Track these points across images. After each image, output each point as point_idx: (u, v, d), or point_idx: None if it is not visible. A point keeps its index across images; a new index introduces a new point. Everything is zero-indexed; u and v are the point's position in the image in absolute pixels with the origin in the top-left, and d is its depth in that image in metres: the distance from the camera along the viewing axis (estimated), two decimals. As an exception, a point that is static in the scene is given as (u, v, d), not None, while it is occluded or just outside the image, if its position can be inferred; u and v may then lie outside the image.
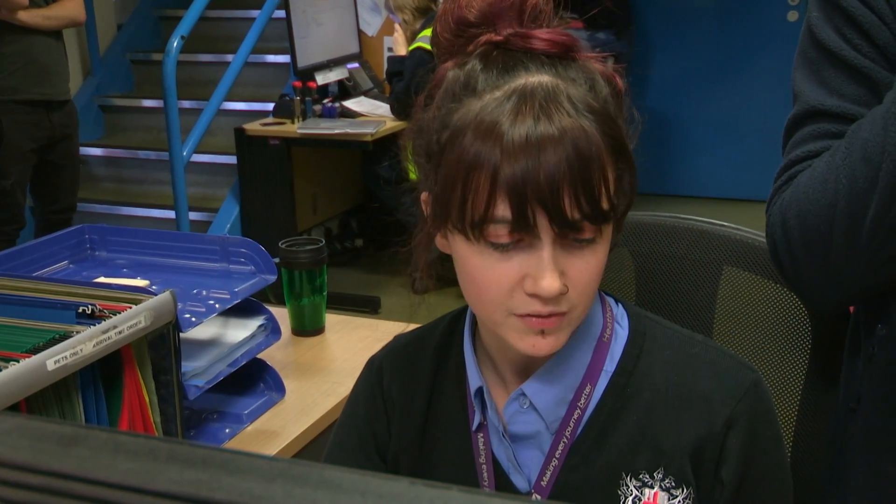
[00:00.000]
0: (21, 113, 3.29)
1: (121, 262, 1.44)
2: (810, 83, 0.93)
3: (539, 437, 0.84)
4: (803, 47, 0.95)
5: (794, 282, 0.95)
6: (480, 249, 0.75)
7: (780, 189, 0.94)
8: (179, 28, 3.77)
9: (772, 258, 0.96)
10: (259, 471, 0.34)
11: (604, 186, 0.74)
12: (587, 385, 0.83)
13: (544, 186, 0.71)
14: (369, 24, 4.57)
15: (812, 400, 1.03)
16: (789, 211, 0.90)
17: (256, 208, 4.07)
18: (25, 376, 0.89)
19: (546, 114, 0.73)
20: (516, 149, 0.72)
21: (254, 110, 4.52)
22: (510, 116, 0.73)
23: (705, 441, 0.80)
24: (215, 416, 1.36)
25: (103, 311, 1.02)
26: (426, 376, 0.91)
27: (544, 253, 0.74)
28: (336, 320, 1.69)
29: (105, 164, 4.86)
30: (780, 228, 0.92)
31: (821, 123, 0.91)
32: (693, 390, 0.82)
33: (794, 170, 0.93)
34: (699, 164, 5.17)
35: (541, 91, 0.74)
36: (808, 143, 0.92)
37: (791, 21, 4.87)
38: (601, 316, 0.85)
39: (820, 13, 0.92)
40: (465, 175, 0.74)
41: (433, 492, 0.32)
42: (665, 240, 1.09)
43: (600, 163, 0.73)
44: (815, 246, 0.88)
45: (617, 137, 0.76)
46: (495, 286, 0.76)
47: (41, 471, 0.36)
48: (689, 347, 0.84)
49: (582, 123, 0.73)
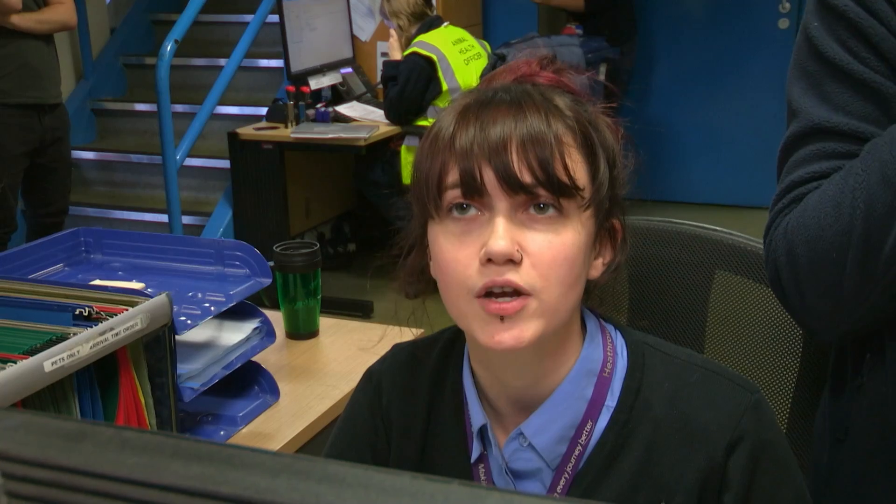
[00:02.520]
0: (12, 116, 3.29)
1: (116, 265, 1.44)
2: (811, 98, 0.87)
3: (540, 472, 0.83)
4: (800, 60, 0.89)
5: (797, 310, 0.89)
6: (444, 228, 0.77)
7: (782, 212, 0.89)
8: (173, 32, 3.77)
9: (772, 285, 0.90)
10: (263, 465, 0.34)
11: (559, 156, 0.74)
12: (588, 422, 0.82)
13: (491, 144, 0.74)
14: (363, 29, 4.58)
15: (803, 402, 1.04)
16: (796, 236, 0.84)
17: (249, 212, 4.06)
18: (23, 377, 0.89)
19: (510, 95, 0.77)
20: (471, 116, 0.76)
21: (247, 115, 4.52)
22: (474, 96, 0.78)
23: (709, 472, 0.79)
24: (210, 418, 1.36)
25: (100, 314, 1.03)
26: (423, 402, 0.90)
27: (496, 218, 0.75)
28: (330, 324, 1.69)
29: (98, 168, 4.85)
30: (786, 255, 0.86)
31: (826, 142, 0.85)
32: (693, 423, 0.80)
33: (797, 191, 0.87)
34: (690, 171, 5.19)
35: (511, 89, 0.78)
36: (812, 163, 0.86)
37: (782, 28, 4.90)
38: (601, 349, 0.84)
39: (821, 23, 0.86)
40: (428, 151, 0.78)
41: (434, 485, 0.32)
42: (657, 244, 1.10)
43: (557, 137, 0.75)
44: (825, 273, 0.82)
45: (588, 135, 0.78)
46: (457, 263, 0.76)
47: (49, 465, 0.36)
48: (687, 376, 0.82)
49: (547, 110, 0.76)
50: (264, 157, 3.94)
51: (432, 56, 3.68)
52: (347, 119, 4.01)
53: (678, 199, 5.15)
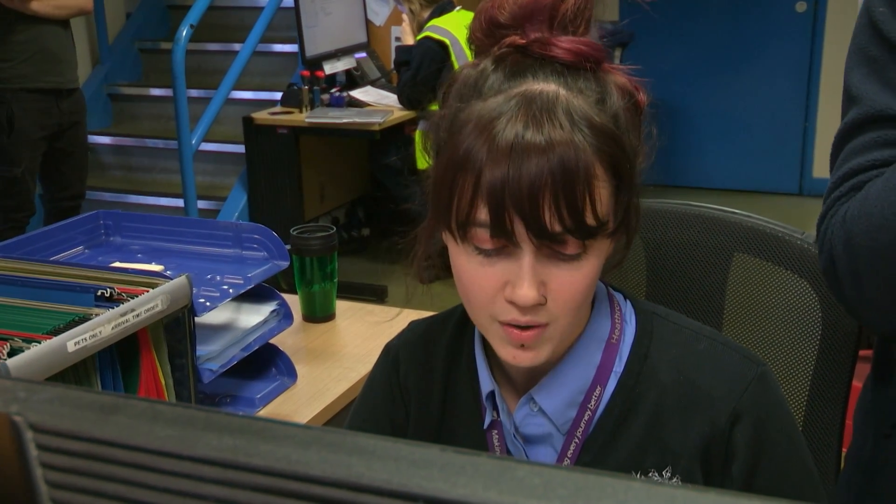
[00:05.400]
0: (31, 101, 3.31)
1: (135, 247, 1.45)
2: (872, 84, 0.84)
3: (551, 437, 0.85)
4: (862, 44, 0.85)
5: (854, 301, 0.86)
6: (467, 252, 0.76)
7: (840, 200, 0.86)
8: (188, 17, 3.78)
9: (826, 275, 0.88)
10: (295, 438, 0.35)
11: (589, 201, 0.72)
12: (597, 387, 0.83)
13: (523, 194, 0.71)
14: (377, 13, 4.57)
15: (822, 386, 1.04)
16: (856, 225, 0.81)
17: (264, 197, 4.08)
18: (46, 357, 0.90)
19: (537, 123, 0.72)
20: (500, 154, 0.72)
21: (262, 99, 4.53)
22: (502, 121, 0.73)
23: (711, 439, 0.80)
24: (228, 399, 1.38)
25: (121, 295, 1.04)
26: (440, 372, 0.92)
27: (524, 261, 0.74)
28: (346, 307, 1.70)
29: (113, 153, 4.88)
30: (843, 244, 0.83)
31: (888, 130, 0.82)
32: (698, 388, 0.81)
33: (856, 179, 0.84)
34: (707, 156, 5.17)
35: (540, 100, 0.73)
36: (873, 151, 0.84)
37: (800, 12, 4.86)
38: (609, 318, 0.85)
39: (886, 7, 0.83)
40: (452, 176, 0.74)
41: (464, 458, 0.33)
42: (676, 227, 1.10)
43: (588, 177, 0.72)
44: (887, 265, 0.80)
45: (615, 155, 0.75)
46: (479, 290, 0.76)
47: (83, 437, 0.37)
48: (695, 344, 0.84)
49: (574, 137, 0.72)
50: (279, 141, 3.94)
51: (445, 40, 3.68)
52: (362, 104, 4.01)
53: (695, 185, 5.13)
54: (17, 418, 0.37)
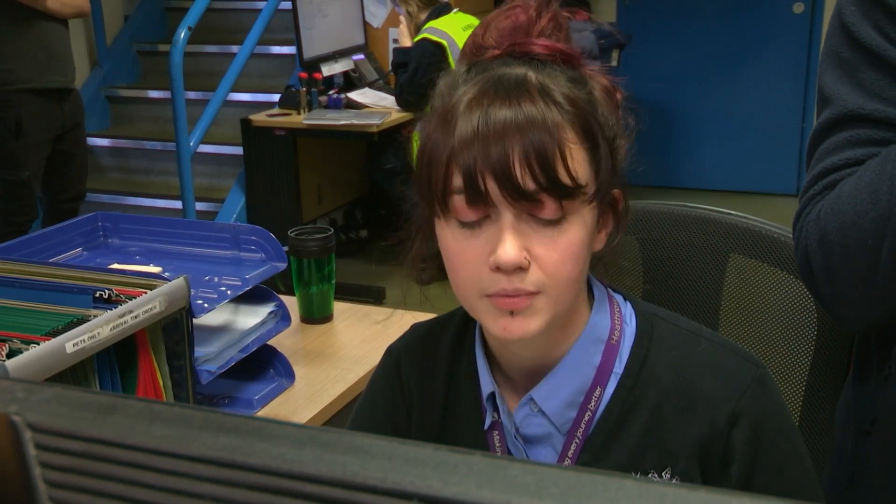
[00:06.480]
0: (36, 103, 3.30)
1: (133, 249, 1.45)
2: (845, 85, 0.85)
3: (551, 438, 0.85)
4: (834, 46, 0.87)
5: (827, 297, 0.87)
6: (451, 228, 0.78)
7: (815, 199, 0.87)
8: (186, 19, 3.78)
9: (801, 272, 0.89)
10: (290, 437, 0.35)
11: (560, 157, 0.74)
12: (597, 388, 0.84)
13: (492, 151, 0.73)
14: (375, 15, 4.58)
15: (817, 386, 1.05)
16: (830, 223, 0.83)
17: (262, 199, 4.08)
18: (45, 358, 0.90)
19: (507, 93, 0.75)
20: (471, 119, 0.75)
21: (260, 101, 4.54)
22: (473, 96, 0.76)
23: (710, 440, 0.80)
24: (226, 400, 1.38)
25: (119, 296, 1.04)
26: (442, 373, 0.92)
27: (503, 223, 0.75)
28: (344, 308, 1.71)
29: (112, 155, 4.88)
30: (818, 242, 0.85)
31: (860, 129, 0.84)
32: (697, 390, 0.82)
33: (830, 178, 0.86)
34: (703, 157, 5.17)
35: (509, 78, 0.77)
36: (845, 150, 0.85)
37: (797, 13, 4.87)
38: (609, 319, 0.85)
39: (857, 9, 0.85)
40: (429, 151, 0.77)
41: (457, 456, 0.33)
42: (672, 228, 1.10)
43: (557, 133, 0.74)
44: (859, 261, 0.81)
45: (588, 121, 0.77)
46: (464, 263, 0.77)
47: (81, 437, 0.37)
48: (694, 346, 0.84)
49: (545, 101, 0.75)
50: (277, 143, 3.95)
51: (443, 42, 3.68)
52: (360, 105, 4.01)
53: (691, 186, 5.13)
54: (16, 418, 0.38)
